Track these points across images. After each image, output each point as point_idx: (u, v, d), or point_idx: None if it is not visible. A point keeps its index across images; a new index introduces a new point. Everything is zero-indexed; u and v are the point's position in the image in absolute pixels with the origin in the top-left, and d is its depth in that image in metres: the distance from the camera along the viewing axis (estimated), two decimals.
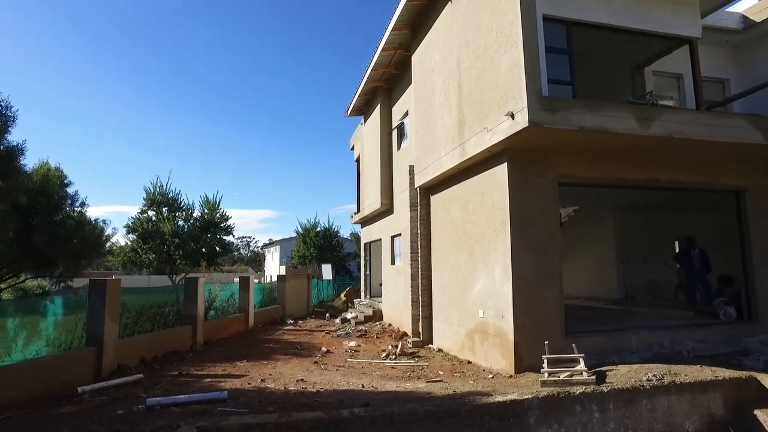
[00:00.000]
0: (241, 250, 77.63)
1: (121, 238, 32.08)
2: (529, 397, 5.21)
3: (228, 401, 5.41)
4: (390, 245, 13.91)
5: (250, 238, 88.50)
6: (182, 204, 30.27)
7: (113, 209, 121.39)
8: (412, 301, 10.62)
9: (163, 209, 29.38)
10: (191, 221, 29.85)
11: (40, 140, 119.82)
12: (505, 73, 6.71)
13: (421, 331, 10.32)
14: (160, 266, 29.20)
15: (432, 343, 10.10)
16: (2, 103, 14.82)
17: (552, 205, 7.31)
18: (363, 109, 16.98)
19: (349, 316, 15.14)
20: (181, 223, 29.33)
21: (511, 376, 6.62)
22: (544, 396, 5.27)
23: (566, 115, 6.30)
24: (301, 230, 36.18)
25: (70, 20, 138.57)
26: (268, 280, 36.07)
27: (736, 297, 8.78)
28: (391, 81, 14.30)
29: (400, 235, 12.77)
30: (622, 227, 13.78)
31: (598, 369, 6.27)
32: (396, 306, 12.80)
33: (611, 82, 9.81)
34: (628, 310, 10.93)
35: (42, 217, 19.40)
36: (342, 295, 19.99)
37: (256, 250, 79.85)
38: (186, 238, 28.32)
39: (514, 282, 6.82)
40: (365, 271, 18.07)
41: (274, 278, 21.57)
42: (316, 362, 8.49)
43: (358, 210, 18.01)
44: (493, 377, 6.79)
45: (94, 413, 5.03)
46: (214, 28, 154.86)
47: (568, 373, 5.88)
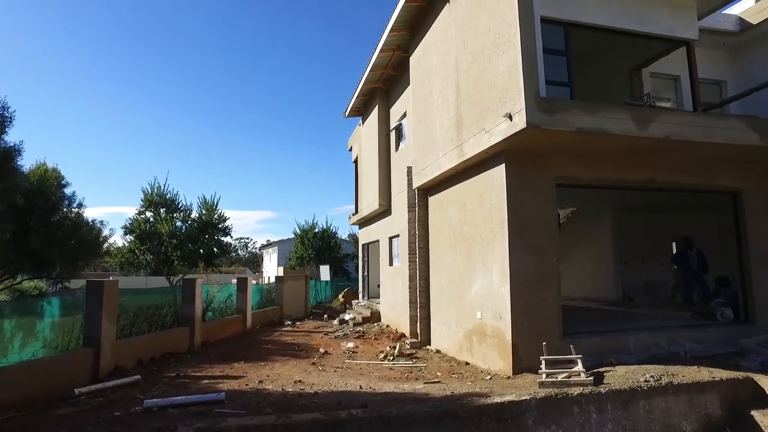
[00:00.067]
0: (239, 251, 77.61)
1: (119, 239, 31.88)
2: (527, 398, 5.22)
3: (225, 402, 5.39)
4: (388, 246, 13.90)
5: (248, 239, 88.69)
6: (180, 205, 30.18)
7: (111, 210, 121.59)
8: (410, 302, 10.62)
9: (161, 210, 29.29)
10: (189, 222, 29.74)
11: (37, 141, 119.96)
12: (503, 74, 6.73)
13: (419, 332, 10.32)
14: (157, 267, 29.07)
15: (430, 345, 10.09)
16: None
17: (550, 206, 7.32)
18: (361, 110, 16.99)
19: (347, 317, 15.12)
20: (178, 224, 29.21)
21: (509, 377, 6.63)
22: (541, 397, 5.27)
23: (564, 117, 6.32)
24: (299, 231, 36.08)
25: (68, 21, 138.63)
26: (266, 282, 36.03)
27: (733, 298, 8.79)
28: (389, 82, 14.33)
29: (398, 236, 12.77)
30: (619, 228, 13.81)
31: (596, 370, 6.28)
32: (394, 307, 12.79)
33: (609, 83, 9.85)
34: (626, 311, 10.95)
35: (39, 218, 19.28)
36: (340, 297, 19.94)
37: (254, 251, 79.82)
38: (184, 239, 28.22)
39: (512, 283, 6.82)
40: (363, 273, 18.05)
41: (272, 279, 21.54)
42: (314, 363, 8.48)
43: (356, 211, 18.00)
44: (491, 378, 6.79)
45: (91, 415, 5.02)
46: (212, 29, 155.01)
47: (565, 374, 5.89)
